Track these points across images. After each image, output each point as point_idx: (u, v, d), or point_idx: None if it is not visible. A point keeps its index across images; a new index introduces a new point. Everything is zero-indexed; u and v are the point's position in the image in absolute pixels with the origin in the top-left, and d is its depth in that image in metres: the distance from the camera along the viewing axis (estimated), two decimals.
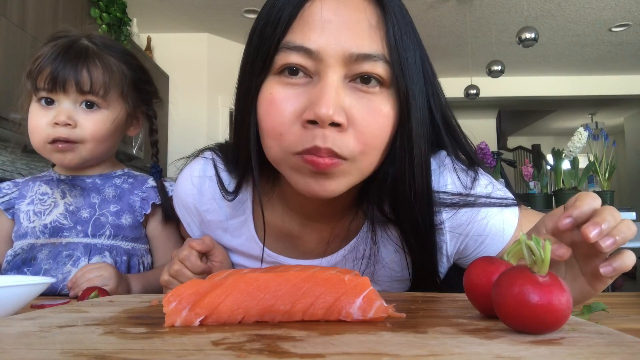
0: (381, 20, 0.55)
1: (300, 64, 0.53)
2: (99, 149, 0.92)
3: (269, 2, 0.58)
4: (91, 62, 0.89)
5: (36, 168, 3.07)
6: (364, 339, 0.34)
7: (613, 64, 5.78)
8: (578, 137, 2.86)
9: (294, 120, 0.53)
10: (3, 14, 2.41)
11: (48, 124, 0.87)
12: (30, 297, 0.53)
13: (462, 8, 4.34)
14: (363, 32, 0.53)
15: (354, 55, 0.52)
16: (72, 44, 0.90)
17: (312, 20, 0.53)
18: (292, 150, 0.54)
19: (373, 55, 0.53)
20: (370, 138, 0.53)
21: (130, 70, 0.95)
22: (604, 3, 4.23)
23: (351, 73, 0.54)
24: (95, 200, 0.94)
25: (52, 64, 0.86)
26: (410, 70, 0.55)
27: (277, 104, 0.54)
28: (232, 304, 0.39)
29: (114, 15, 3.47)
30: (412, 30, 0.58)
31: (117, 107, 0.93)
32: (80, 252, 0.89)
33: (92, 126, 0.89)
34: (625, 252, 0.47)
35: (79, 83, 0.86)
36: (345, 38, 0.53)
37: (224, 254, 0.73)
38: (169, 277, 0.69)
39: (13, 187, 0.98)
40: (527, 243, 0.37)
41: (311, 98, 0.52)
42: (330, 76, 0.52)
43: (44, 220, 0.92)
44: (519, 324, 0.35)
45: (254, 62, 0.56)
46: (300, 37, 0.53)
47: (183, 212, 0.78)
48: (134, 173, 1.03)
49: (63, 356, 0.29)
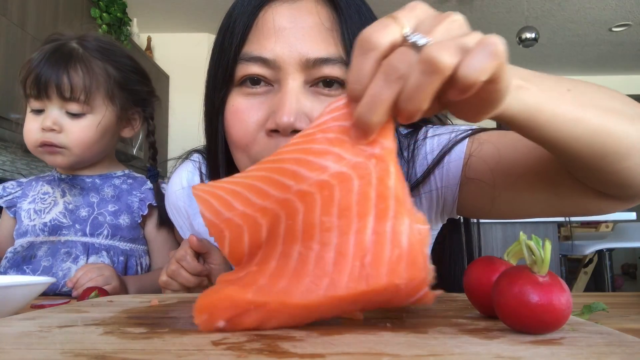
0: (336, 22, 0.54)
1: (260, 74, 0.54)
2: (88, 153, 0.92)
3: (227, 13, 0.58)
4: (72, 67, 0.88)
5: (36, 168, 3.07)
6: (364, 339, 0.34)
7: (613, 64, 5.77)
8: None
9: (258, 129, 0.54)
10: (3, 14, 2.41)
11: (38, 129, 0.89)
12: (30, 297, 0.53)
13: (462, 8, 4.33)
14: (318, 36, 0.53)
15: (310, 60, 0.52)
16: (58, 48, 0.90)
17: (266, 30, 0.53)
18: (257, 157, 0.53)
19: (330, 58, 0.53)
20: None
21: (117, 71, 0.94)
22: (604, 3, 4.23)
23: (311, 78, 0.54)
24: (94, 200, 0.95)
25: (36, 69, 0.87)
26: None
27: (240, 115, 0.54)
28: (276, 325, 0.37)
29: (114, 15, 3.47)
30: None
31: (103, 110, 0.92)
32: (79, 250, 0.90)
33: (77, 132, 0.89)
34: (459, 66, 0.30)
35: (60, 88, 0.87)
36: (300, 44, 0.53)
37: (221, 257, 0.72)
38: (167, 278, 0.69)
39: (17, 186, 1.01)
40: (527, 243, 0.37)
41: (273, 106, 0.53)
42: (289, 83, 0.52)
43: (43, 219, 0.93)
44: (519, 324, 0.35)
45: (215, 75, 0.57)
46: (256, 48, 0.53)
47: (175, 216, 0.78)
48: (135, 174, 1.03)
49: (63, 356, 0.29)
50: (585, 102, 0.42)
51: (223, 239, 0.40)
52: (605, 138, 0.42)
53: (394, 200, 0.36)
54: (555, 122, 0.40)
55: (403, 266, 0.35)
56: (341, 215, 0.36)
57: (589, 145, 0.42)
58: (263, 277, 0.37)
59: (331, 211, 0.36)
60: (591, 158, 0.44)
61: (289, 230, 0.38)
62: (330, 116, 0.39)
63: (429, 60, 0.30)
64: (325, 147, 0.37)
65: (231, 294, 0.37)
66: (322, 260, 0.36)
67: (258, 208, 0.39)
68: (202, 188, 0.41)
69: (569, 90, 0.42)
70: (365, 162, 0.37)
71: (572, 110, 0.41)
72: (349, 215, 0.36)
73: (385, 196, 0.36)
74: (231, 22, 0.56)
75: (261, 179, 0.39)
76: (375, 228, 0.36)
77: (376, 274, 0.35)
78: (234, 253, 0.40)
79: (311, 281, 0.36)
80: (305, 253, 0.36)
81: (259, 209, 0.39)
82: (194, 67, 4.68)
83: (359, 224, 0.36)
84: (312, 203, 0.37)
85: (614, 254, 3.44)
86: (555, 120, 0.40)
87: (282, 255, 0.37)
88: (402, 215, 0.36)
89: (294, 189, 0.38)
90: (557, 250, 2.78)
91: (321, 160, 0.37)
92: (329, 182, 0.37)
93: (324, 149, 0.37)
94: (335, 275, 0.36)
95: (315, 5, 0.55)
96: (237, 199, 0.40)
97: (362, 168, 0.37)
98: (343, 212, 0.36)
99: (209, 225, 0.39)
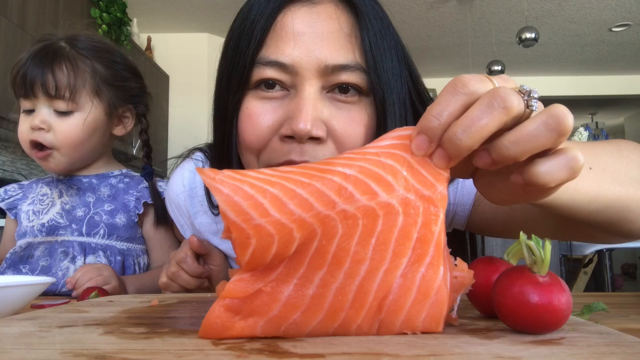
0: (356, 28, 0.54)
1: (276, 78, 0.53)
2: (77, 152, 0.92)
3: (241, 15, 0.56)
4: (57, 65, 0.88)
5: (36, 168, 3.07)
6: (364, 339, 0.34)
7: (613, 63, 5.77)
8: (578, 137, 2.86)
9: (271, 134, 0.53)
10: (3, 14, 2.41)
11: (28, 129, 0.89)
12: (30, 297, 0.53)
13: (462, 8, 4.34)
14: (337, 42, 0.52)
15: (329, 66, 0.52)
16: (45, 47, 0.90)
17: (284, 34, 0.52)
18: (268, 162, 0.53)
19: (349, 65, 0.52)
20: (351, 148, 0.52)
21: (105, 67, 0.93)
22: (604, 3, 4.23)
23: (328, 84, 0.53)
24: (90, 200, 0.94)
25: (23, 68, 0.88)
26: (388, 76, 0.54)
27: (254, 119, 0.53)
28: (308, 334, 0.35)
29: (114, 15, 3.47)
30: (389, 30, 0.57)
31: (89, 106, 0.91)
32: (76, 250, 0.90)
33: (65, 130, 0.89)
34: (538, 162, 0.32)
35: (45, 85, 0.86)
36: (319, 50, 0.51)
37: (221, 258, 0.72)
38: (167, 280, 0.68)
39: (18, 189, 1.02)
40: (527, 243, 0.37)
41: (289, 112, 0.52)
42: (307, 89, 0.51)
43: (41, 220, 0.93)
44: (519, 324, 0.35)
45: (229, 77, 0.56)
46: (274, 52, 0.52)
47: (176, 214, 0.78)
48: (132, 173, 1.03)
49: (63, 356, 0.29)
50: (604, 179, 0.43)
51: (246, 247, 0.33)
52: (619, 209, 0.44)
53: (434, 247, 0.35)
54: (574, 203, 0.41)
55: (422, 318, 0.35)
56: (377, 249, 0.34)
57: (603, 216, 0.44)
58: (276, 304, 0.34)
59: (369, 242, 0.34)
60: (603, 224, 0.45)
61: (319, 252, 0.34)
62: (391, 142, 0.36)
63: (548, 110, 0.31)
64: (380, 171, 0.35)
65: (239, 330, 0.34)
66: (342, 293, 0.34)
67: (296, 219, 0.33)
68: (223, 179, 0.33)
69: (591, 168, 0.42)
70: (416, 200, 0.34)
71: (591, 190, 0.41)
72: (384, 251, 0.34)
73: (427, 240, 0.34)
74: (247, 24, 0.54)
75: (304, 185, 0.34)
76: (406, 271, 0.34)
77: (390, 321, 0.34)
78: (254, 263, 0.34)
79: (325, 318, 0.34)
80: (328, 281, 0.34)
81: (297, 220, 0.33)
82: (194, 67, 4.70)
83: (391, 263, 0.34)
84: (353, 228, 0.34)
85: (614, 254, 3.44)
86: (574, 201, 0.41)
87: (303, 277, 0.34)
88: (439, 264, 0.35)
89: (339, 208, 0.34)
90: (557, 250, 2.78)
91: (374, 184, 0.34)
92: (374, 211, 0.34)
93: (378, 173, 0.35)
94: (350, 313, 0.34)
95: (335, 10, 0.54)
96: (273, 202, 0.33)
97: (411, 206, 0.34)
98: (380, 246, 0.34)
99: (233, 229, 0.32)
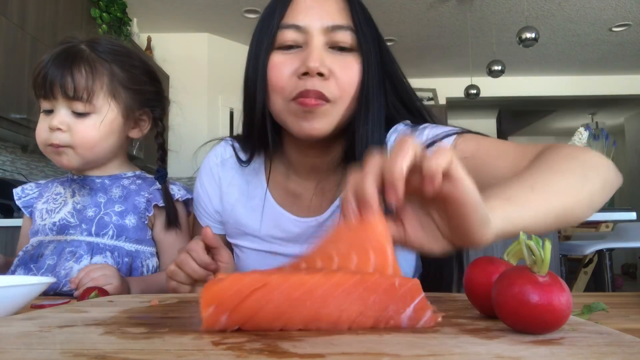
0: (347, 7, 0.76)
1: (293, 39, 0.74)
2: (92, 152, 0.93)
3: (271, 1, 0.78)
4: (76, 67, 0.89)
5: (36, 168, 3.07)
6: (364, 339, 0.34)
7: (613, 63, 5.77)
8: (578, 137, 2.86)
9: (291, 76, 0.73)
10: (3, 14, 2.41)
11: (46, 129, 0.91)
12: (30, 297, 0.53)
13: (462, 8, 4.34)
14: (335, 12, 0.75)
15: (329, 26, 0.73)
16: (66, 49, 0.92)
17: (299, 7, 0.75)
18: (289, 97, 0.72)
19: (343, 26, 0.74)
20: (347, 85, 0.73)
21: (123, 71, 0.95)
22: (604, 3, 4.23)
23: (330, 41, 0.74)
24: (102, 200, 0.95)
25: (44, 69, 0.89)
26: (369, 40, 0.76)
27: (279, 67, 0.73)
28: (274, 311, 0.36)
29: (114, 15, 3.47)
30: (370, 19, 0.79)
31: (106, 109, 0.92)
32: (84, 250, 0.90)
33: (81, 131, 0.90)
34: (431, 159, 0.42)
35: (63, 87, 0.88)
36: (323, 16, 0.74)
37: (229, 255, 0.75)
38: (174, 267, 0.71)
39: (35, 187, 1.04)
40: (527, 243, 0.37)
41: (303, 58, 0.72)
42: (315, 42, 0.72)
43: (53, 218, 0.95)
44: (519, 324, 0.35)
45: (260, 40, 0.76)
46: (292, 18, 0.74)
47: (208, 181, 0.89)
48: (145, 175, 1.03)
49: (63, 356, 0.29)
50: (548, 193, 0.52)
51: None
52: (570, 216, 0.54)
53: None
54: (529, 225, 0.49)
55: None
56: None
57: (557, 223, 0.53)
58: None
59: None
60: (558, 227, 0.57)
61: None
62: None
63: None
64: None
65: (234, 279, 0.37)
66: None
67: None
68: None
69: (533, 188, 0.51)
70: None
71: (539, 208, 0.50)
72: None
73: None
74: (273, 4, 0.77)
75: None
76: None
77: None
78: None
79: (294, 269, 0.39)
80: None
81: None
82: (193, 67, 4.70)
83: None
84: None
85: (614, 254, 3.44)
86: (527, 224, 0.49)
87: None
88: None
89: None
90: (557, 250, 2.77)
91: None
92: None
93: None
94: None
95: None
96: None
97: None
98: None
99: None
